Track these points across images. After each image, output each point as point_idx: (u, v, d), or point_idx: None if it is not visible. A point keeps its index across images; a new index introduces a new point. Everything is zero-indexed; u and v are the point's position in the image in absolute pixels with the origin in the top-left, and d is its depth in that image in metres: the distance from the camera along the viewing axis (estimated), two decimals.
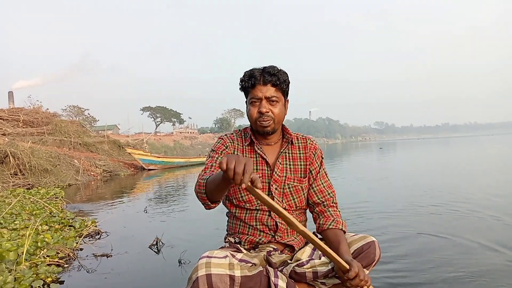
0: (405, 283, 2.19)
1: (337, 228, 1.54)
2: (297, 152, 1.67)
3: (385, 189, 6.52)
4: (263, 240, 1.57)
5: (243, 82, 1.57)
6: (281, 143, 1.68)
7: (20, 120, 16.29)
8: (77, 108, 58.46)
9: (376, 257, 1.47)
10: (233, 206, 1.63)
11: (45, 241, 2.93)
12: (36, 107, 18.11)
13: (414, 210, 4.31)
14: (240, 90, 1.63)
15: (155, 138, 39.40)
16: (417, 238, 3.12)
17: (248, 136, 1.66)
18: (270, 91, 1.54)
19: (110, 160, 15.19)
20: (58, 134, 16.20)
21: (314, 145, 1.70)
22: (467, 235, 3.09)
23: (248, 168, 1.10)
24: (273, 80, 1.53)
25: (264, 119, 1.55)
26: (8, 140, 12.07)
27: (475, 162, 12.07)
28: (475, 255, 2.61)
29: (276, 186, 1.59)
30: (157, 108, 76.42)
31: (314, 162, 1.67)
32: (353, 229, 3.20)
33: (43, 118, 17.25)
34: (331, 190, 1.67)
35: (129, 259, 2.84)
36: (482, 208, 4.17)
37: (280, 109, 1.58)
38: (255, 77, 1.53)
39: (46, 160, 10.77)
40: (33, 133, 15.94)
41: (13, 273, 2.29)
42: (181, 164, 17.78)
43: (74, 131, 17.05)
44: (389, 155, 20.41)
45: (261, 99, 1.54)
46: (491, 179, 7.15)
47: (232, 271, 1.28)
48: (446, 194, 5.34)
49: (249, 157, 1.61)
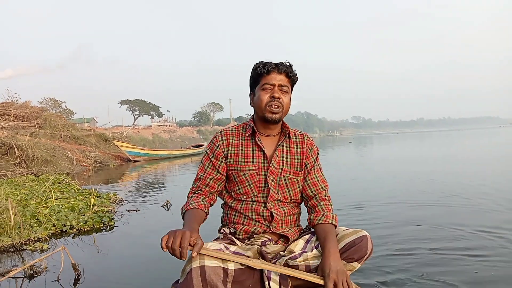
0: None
1: (326, 223, 1.59)
2: (295, 146, 1.71)
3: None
4: (258, 230, 1.61)
5: (258, 69, 1.61)
6: (280, 136, 1.71)
7: (11, 114, 17.24)
8: (53, 100, 57.96)
9: (368, 251, 1.49)
10: (231, 197, 1.70)
11: (92, 203, 4.38)
12: (25, 102, 18.99)
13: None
14: (251, 79, 1.68)
15: (133, 131, 39.78)
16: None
17: (250, 127, 1.68)
18: (283, 80, 1.60)
19: (99, 152, 16.43)
20: (48, 128, 17.23)
21: (310, 141, 1.75)
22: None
23: (183, 243, 1.22)
24: (288, 71, 1.60)
25: (275, 104, 1.58)
26: (7, 134, 13.15)
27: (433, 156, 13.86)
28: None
29: (273, 178, 1.63)
30: (135, 101, 76.22)
31: (310, 157, 1.72)
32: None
33: (32, 113, 18.22)
34: (325, 184, 1.73)
35: (151, 213, 4.34)
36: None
37: (288, 100, 1.64)
38: (270, 65, 1.59)
39: (45, 151, 11.99)
40: (24, 126, 16.91)
41: (86, 216, 3.77)
42: (165, 156, 19.05)
43: (63, 124, 18.10)
44: (353, 150, 22.27)
45: (274, 85, 1.59)
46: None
47: (226, 263, 1.33)
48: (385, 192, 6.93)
49: (246, 149, 1.66)
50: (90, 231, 3.49)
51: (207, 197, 1.64)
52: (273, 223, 1.61)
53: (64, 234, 3.39)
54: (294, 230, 1.67)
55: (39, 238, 3.17)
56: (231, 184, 1.68)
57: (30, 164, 11.02)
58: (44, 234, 3.21)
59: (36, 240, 3.12)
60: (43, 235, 3.20)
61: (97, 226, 3.60)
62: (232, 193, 1.69)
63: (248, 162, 1.64)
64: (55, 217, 3.66)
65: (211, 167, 1.66)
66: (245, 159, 1.64)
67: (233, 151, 1.66)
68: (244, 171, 1.63)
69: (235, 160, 1.65)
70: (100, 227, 3.59)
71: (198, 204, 1.56)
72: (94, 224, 3.61)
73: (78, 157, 14.01)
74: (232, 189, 1.68)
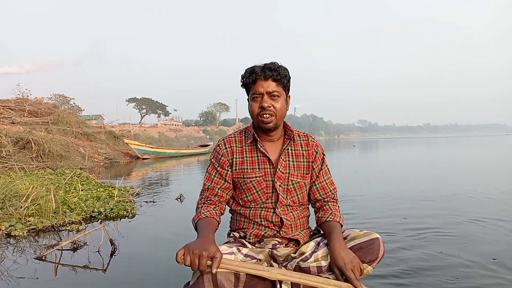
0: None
1: (333, 221, 1.59)
2: (300, 149, 1.68)
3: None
4: (268, 234, 1.60)
5: (244, 78, 1.58)
6: (283, 140, 1.68)
7: (25, 110, 17.87)
8: (62, 97, 58.78)
9: (380, 254, 1.46)
10: (238, 205, 1.68)
11: (116, 194, 4.88)
12: (39, 98, 19.64)
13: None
14: (242, 87, 1.64)
15: (139, 129, 40.31)
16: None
17: (251, 134, 1.66)
18: (271, 86, 1.55)
19: (109, 149, 17.02)
20: (61, 124, 17.83)
21: (315, 142, 1.72)
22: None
23: (201, 263, 1.22)
24: (274, 75, 1.54)
25: (266, 114, 1.55)
26: (23, 129, 13.75)
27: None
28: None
29: (280, 183, 1.62)
30: (142, 100, 76.93)
31: (317, 159, 1.70)
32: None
33: (46, 109, 18.85)
34: (333, 187, 1.71)
35: (166, 205, 4.83)
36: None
37: (281, 104, 1.59)
38: (256, 73, 1.54)
39: (60, 146, 12.56)
40: (38, 122, 17.52)
41: (110, 204, 4.27)
42: (172, 155, 19.57)
43: (75, 121, 18.72)
44: (358, 153, 22.68)
45: (262, 94, 1.55)
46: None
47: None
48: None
49: (251, 156, 1.64)
50: (116, 217, 3.99)
51: (217, 206, 1.62)
52: (283, 228, 1.60)
53: (93, 219, 3.89)
54: (304, 233, 1.66)
55: (73, 221, 3.67)
56: (238, 192, 1.67)
57: (46, 158, 11.57)
58: (78, 218, 3.71)
59: (70, 223, 3.63)
60: (76, 219, 3.70)
61: (121, 214, 4.10)
62: (239, 200, 1.67)
63: (254, 169, 1.63)
64: (84, 204, 4.17)
65: (218, 176, 1.65)
66: (251, 166, 1.63)
67: (238, 158, 1.65)
68: (250, 178, 1.62)
69: (241, 168, 1.63)
70: (124, 215, 4.09)
71: (210, 213, 1.55)
72: (118, 211, 4.11)
73: (90, 153, 14.58)
74: (240, 196, 1.66)
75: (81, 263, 2.58)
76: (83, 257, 2.70)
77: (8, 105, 17.42)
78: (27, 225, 3.40)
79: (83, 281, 2.32)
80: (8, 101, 18.17)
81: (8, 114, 16.81)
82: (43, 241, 3.13)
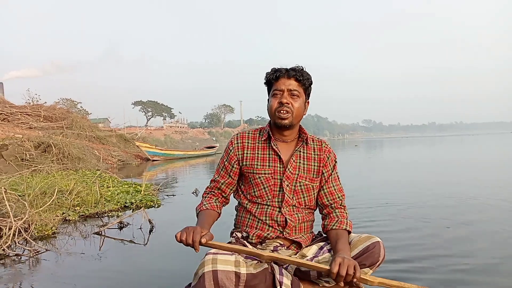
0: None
1: (340, 228, 1.60)
2: (312, 153, 1.70)
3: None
4: (271, 235, 1.62)
5: (268, 75, 1.64)
6: (297, 142, 1.71)
7: (41, 115, 18.82)
8: (70, 101, 59.81)
9: (381, 257, 1.48)
10: (246, 199, 1.71)
11: (142, 188, 5.68)
12: (53, 104, 20.60)
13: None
14: (265, 85, 1.70)
15: (145, 132, 41.08)
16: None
17: (266, 132, 1.69)
18: (293, 85, 1.60)
19: (121, 151, 17.91)
20: (75, 128, 18.74)
21: (328, 148, 1.74)
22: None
23: (195, 238, 1.37)
24: (297, 75, 1.60)
25: (283, 110, 1.59)
26: (42, 134, 14.66)
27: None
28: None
29: (288, 183, 1.63)
30: (148, 103, 77.93)
31: (328, 164, 1.71)
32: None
33: (60, 114, 19.79)
34: (341, 194, 1.72)
35: (184, 198, 5.64)
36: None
37: (300, 104, 1.63)
38: (280, 71, 1.61)
39: (77, 150, 13.43)
40: (53, 127, 18.45)
41: (139, 196, 5.09)
42: (180, 156, 20.39)
43: (88, 125, 19.64)
44: (360, 153, 23.33)
45: (283, 91, 1.60)
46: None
47: (238, 268, 1.34)
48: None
49: (262, 153, 1.67)
50: (144, 207, 4.79)
51: (219, 199, 1.75)
52: (286, 229, 1.62)
53: (126, 209, 4.70)
54: (307, 237, 1.68)
55: (112, 209, 4.49)
56: (248, 186, 1.71)
57: (65, 161, 12.44)
58: (116, 207, 4.53)
59: (110, 211, 4.44)
60: (114, 207, 4.52)
61: (149, 204, 4.91)
62: (247, 195, 1.71)
63: (264, 166, 1.66)
64: (117, 197, 4.98)
65: (224, 170, 1.74)
66: (261, 163, 1.67)
67: (249, 154, 1.70)
68: (259, 174, 1.66)
69: (251, 163, 1.68)
70: (151, 205, 4.90)
71: (211, 205, 1.68)
72: (146, 202, 4.93)
73: (104, 156, 15.45)
74: (248, 191, 1.70)
75: (127, 238, 3.38)
76: (128, 234, 3.49)
77: (25, 111, 18.39)
78: (76, 213, 4.21)
79: (129, 253, 3.07)
80: (25, 107, 19.13)
81: (26, 120, 17.79)
82: (93, 224, 3.94)
